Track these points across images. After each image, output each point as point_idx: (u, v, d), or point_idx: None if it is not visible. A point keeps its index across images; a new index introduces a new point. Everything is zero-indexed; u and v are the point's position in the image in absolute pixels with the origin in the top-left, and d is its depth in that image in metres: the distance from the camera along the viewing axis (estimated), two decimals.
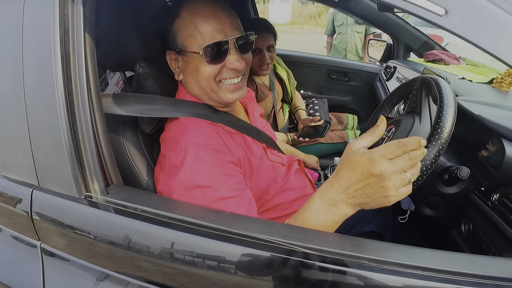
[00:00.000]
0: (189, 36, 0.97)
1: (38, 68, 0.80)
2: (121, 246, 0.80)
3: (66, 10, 0.78)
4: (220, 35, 0.96)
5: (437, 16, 0.54)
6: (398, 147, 0.67)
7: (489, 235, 1.02)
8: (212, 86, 1.01)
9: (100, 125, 0.84)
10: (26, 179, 0.88)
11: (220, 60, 0.97)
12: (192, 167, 0.90)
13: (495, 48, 0.59)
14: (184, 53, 1.00)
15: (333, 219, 0.77)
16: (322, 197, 0.77)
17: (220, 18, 0.96)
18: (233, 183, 0.93)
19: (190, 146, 0.92)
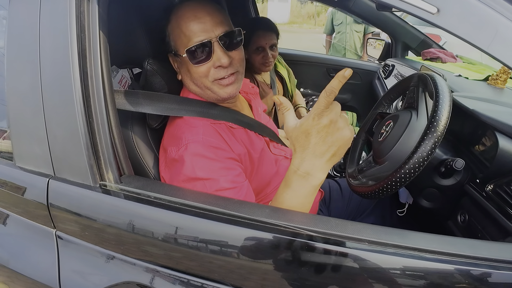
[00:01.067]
0: (177, 39, 1.03)
1: (55, 63, 0.84)
2: (134, 231, 0.84)
3: (82, 8, 0.82)
4: (201, 34, 0.99)
5: (430, 14, 0.58)
6: (327, 95, 0.73)
7: (484, 224, 1.05)
8: (206, 84, 1.06)
9: (113, 119, 0.88)
10: (42, 169, 0.92)
11: (206, 60, 1.01)
12: (193, 162, 0.95)
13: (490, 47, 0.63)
14: (177, 55, 1.05)
15: (310, 190, 0.83)
16: (296, 172, 0.82)
17: (200, 18, 1.00)
18: (232, 176, 0.98)
19: (190, 143, 0.98)
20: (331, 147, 0.78)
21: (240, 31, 1.06)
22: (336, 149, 0.79)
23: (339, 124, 0.77)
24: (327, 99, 0.73)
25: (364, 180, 1.17)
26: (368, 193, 1.05)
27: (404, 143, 1.09)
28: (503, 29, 0.62)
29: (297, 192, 0.84)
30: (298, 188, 0.83)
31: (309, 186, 0.83)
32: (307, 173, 0.81)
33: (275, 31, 2.01)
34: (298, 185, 0.83)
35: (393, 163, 1.09)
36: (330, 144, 0.78)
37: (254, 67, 2.01)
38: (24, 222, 0.98)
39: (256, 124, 1.23)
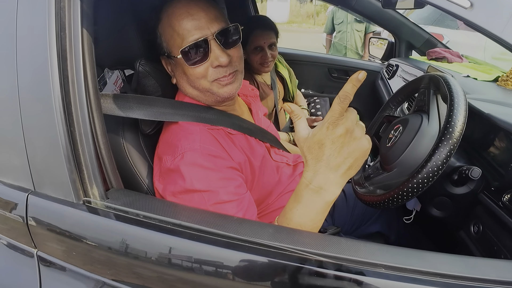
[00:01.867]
0: (170, 39, 0.96)
1: (33, 66, 0.76)
2: (122, 254, 0.76)
3: (62, 3, 0.74)
4: (196, 32, 0.92)
5: (462, 8, 0.51)
6: (340, 101, 0.66)
7: (500, 236, 0.98)
8: (204, 85, 0.98)
9: (99, 126, 0.80)
10: (21, 183, 0.84)
11: (203, 59, 0.94)
12: (190, 172, 0.88)
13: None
14: (171, 57, 0.98)
15: (322, 206, 0.75)
16: (308, 186, 0.74)
17: (193, 14, 0.92)
18: (233, 187, 0.91)
19: (187, 152, 0.90)
20: (347, 159, 0.70)
21: (238, 27, 0.99)
22: (352, 161, 0.71)
23: (356, 133, 0.70)
24: (341, 105, 0.66)
25: (372, 188, 1.11)
26: (376, 203, 0.99)
27: (415, 149, 1.03)
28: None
29: (308, 208, 0.76)
30: (310, 204, 0.75)
31: (321, 202, 0.75)
32: (320, 187, 0.73)
33: (274, 29, 1.94)
34: (309, 200, 0.75)
35: (403, 170, 1.03)
36: (346, 155, 0.70)
37: (253, 68, 1.95)
38: (4, 240, 0.91)
39: (256, 129, 1.16)
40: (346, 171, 0.72)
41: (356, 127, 0.70)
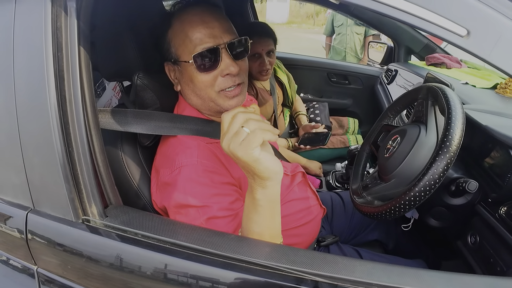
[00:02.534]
0: (181, 44, 0.95)
1: (30, 86, 0.76)
2: (121, 273, 0.77)
3: (59, 23, 0.74)
4: (210, 40, 0.92)
5: (458, 37, 0.51)
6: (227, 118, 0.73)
7: (496, 248, 0.99)
8: (210, 95, 0.98)
9: (97, 143, 0.80)
10: (20, 201, 0.85)
11: (213, 67, 0.94)
12: (186, 187, 0.88)
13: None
14: (179, 63, 0.97)
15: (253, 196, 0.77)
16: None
17: (208, 23, 0.93)
18: (228, 203, 0.91)
19: (184, 167, 0.91)
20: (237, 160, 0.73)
21: (247, 40, 1.00)
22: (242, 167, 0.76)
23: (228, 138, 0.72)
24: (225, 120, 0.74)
25: (370, 198, 1.12)
26: (374, 214, 1.01)
27: (413, 160, 1.04)
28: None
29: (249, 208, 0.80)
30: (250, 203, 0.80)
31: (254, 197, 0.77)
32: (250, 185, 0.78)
33: (272, 36, 1.94)
34: (249, 201, 0.80)
35: (400, 181, 1.04)
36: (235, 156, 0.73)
37: (252, 75, 1.94)
38: (3, 257, 0.91)
39: None
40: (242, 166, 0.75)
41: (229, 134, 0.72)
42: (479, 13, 0.53)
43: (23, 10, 0.76)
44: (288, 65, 2.41)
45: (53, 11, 0.74)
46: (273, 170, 0.74)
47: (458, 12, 0.52)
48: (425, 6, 0.52)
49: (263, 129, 0.70)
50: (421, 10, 0.52)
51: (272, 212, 0.81)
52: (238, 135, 0.70)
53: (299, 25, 17.91)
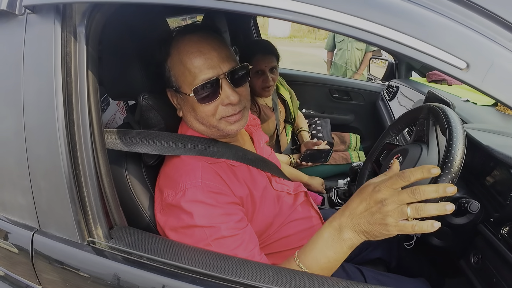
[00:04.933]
0: (180, 75, 0.96)
1: (39, 110, 0.78)
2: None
3: (68, 49, 0.76)
4: (208, 71, 0.92)
5: (458, 69, 0.52)
6: (399, 177, 0.71)
7: (499, 268, 0.99)
8: (212, 123, 0.99)
9: (103, 165, 0.82)
10: (26, 221, 0.86)
11: (213, 98, 0.95)
12: (192, 209, 0.89)
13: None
14: (179, 92, 0.99)
15: (340, 246, 0.80)
16: (331, 223, 0.82)
17: (205, 53, 0.93)
18: (233, 222, 0.92)
19: (189, 188, 0.91)
20: (366, 225, 0.75)
21: (247, 66, 1.00)
22: (369, 229, 0.75)
23: (388, 211, 0.72)
24: (399, 182, 0.72)
25: None
26: None
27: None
28: None
29: (327, 244, 0.81)
30: (329, 240, 0.81)
31: (338, 241, 0.80)
32: (340, 227, 0.80)
33: (275, 53, 1.97)
34: (329, 237, 0.81)
35: None
36: (369, 222, 0.75)
37: (255, 92, 1.96)
38: (8, 276, 0.91)
39: (258, 159, 1.17)
40: (361, 230, 0.77)
41: (393, 207, 0.71)
42: (476, 44, 0.55)
43: (33, 35, 0.78)
44: (290, 81, 2.43)
45: (62, 37, 0.76)
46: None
47: (457, 45, 0.53)
48: (423, 39, 0.53)
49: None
50: (419, 43, 0.53)
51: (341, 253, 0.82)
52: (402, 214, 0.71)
53: (301, 39, 18.05)
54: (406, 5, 0.55)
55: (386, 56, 3.44)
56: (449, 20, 0.55)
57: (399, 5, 0.55)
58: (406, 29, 0.54)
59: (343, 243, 0.80)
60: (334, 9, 0.56)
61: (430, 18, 0.55)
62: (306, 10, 0.56)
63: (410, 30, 0.54)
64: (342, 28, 0.57)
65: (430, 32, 0.54)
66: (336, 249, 0.81)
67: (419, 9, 0.55)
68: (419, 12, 0.55)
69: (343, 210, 0.81)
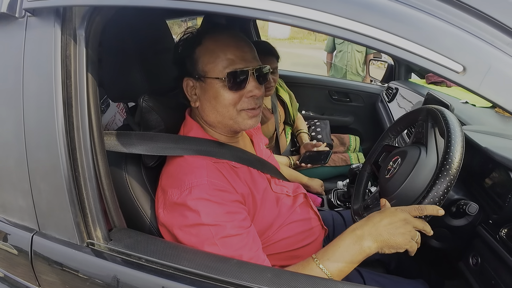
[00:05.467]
0: (211, 62, 0.99)
1: (38, 112, 0.78)
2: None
3: (68, 52, 0.76)
4: (241, 63, 0.98)
5: (454, 73, 0.53)
6: (417, 209, 0.91)
7: (498, 270, 0.99)
8: (231, 113, 1.01)
9: (102, 167, 0.82)
10: (26, 223, 0.86)
11: (240, 87, 0.99)
12: (198, 207, 0.89)
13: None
14: (204, 79, 1.00)
15: (359, 252, 0.89)
16: (354, 231, 0.92)
17: (242, 47, 1.00)
18: (239, 221, 0.93)
19: (195, 187, 0.91)
20: (388, 235, 0.89)
21: (269, 69, 1.08)
22: (389, 239, 0.88)
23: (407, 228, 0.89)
24: (415, 212, 0.91)
25: None
26: None
27: (413, 182, 1.05)
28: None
29: (347, 250, 0.90)
30: (350, 246, 0.90)
31: (357, 248, 0.89)
32: (362, 236, 0.90)
33: (275, 54, 1.97)
34: (350, 243, 0.90)
35: (401, 202, 1.04)
36: (391, 234, 0.89)
37: None
38: (7, 277, 0.92)
39: (258, 161, 1.17)
40: (380, 241, 0.89)
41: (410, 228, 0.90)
42: (473, 48, 0.55)
43: (33, 37, 0.79)
44: (289, 83, 2.44)
45: (62, 39, 0.76)
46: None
47: (454, 48, 0.53)
48: (420, 42, 0.54)
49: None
50: (415, 46, 0.53)
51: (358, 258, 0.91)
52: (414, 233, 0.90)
53: (300, 41, 18.05)
54: (403, 9, 0.55)
55: (385, 58, 3.44)
56: (446, 24, 0.55)
57: (395, 9, 0.55)
58: (403, 33, 0.55)
59: (362, 250, 0.89)
60: (332, 13, 0.56)
61: (427, 21, 0.55)
62: (304, 14, 0.57)
63: (407, 33, 0.55)
64: (339, 32, 0.57)
65: (427, 35, 0.55)
66: (355, 255, 0.89)
67: (416, 12, 0.55)
68: (415, 15, 0.55)
69: (366, 222, 0.92)
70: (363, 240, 0.89)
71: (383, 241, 0.89)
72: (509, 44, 0.55)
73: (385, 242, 0.88)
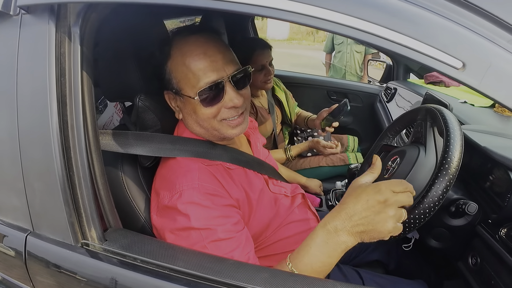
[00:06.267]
0: (183, 78, 0.94)
1: (32, 110, 0.77)
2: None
3: (62, 49, 0.75)
4: (213, 74, 0.91)
5: (454, 69, 0.52)
6: (401, 183, 0.76)
7: (497, 270, 0.99)
8: (213, 125, 0.98)
9: (97, 167, 0.81)
10: (20, 223, 0.85)
11: (217, 100, 0.94)
12: (188, 211, 0.88)
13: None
14: (180, 95, 0.97)
15: (335, 249, 0.79)
16: (325, 226, 0.80)
17: (211, 56, 0.92)
18: (230, 225, 0.91)
19: (185, 190, 0.90)
20: (366, 224, 0.76)
21: (249, 68, 1.00)
22: (368, 229, 0.76)
23: (390, 211, 0.75)
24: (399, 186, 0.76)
25: None
26: None
27: (412, 181, 1.03)
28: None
29: (320, 248, 0.80)
30: (322, 244, 0.80)
31: (333, 244, 0.79)
32: (336, 229, 0.79)
33: (270, 47, 1.98)
34: (323, 241, 0.80)
35: None
36: (368, 220, 0.76)
37: (256, 87, 1.95)
38: (1, 278, 0.90)
39: (255, 161, 1.16)
40: (358, 232, 0.77)
41: (394, 209, 0.75)
42: (473, 44, 0.54)
43: (27, 35, 0.78)
44: (287, 83, 2.42)
45: (57, 37, 0.75)
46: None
47: (453, 45, 0.53)
48: (419, 38, 0.53)
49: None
50: (414, 42, 0.53)
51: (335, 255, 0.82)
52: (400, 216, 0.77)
53: (299, 42, 18.08)
54: (403, 5, 0.55)
55: (384, 58, 3.44)
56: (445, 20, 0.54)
57: (395, 5, 0.55)
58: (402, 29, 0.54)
59: (338, 246, 0.79)
60: (331, 9, 0.55)
61: (426, 17, 0.55)
62: (303, 10, 0.56)
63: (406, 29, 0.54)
64: (339, 28, 0.56)
65: (426, 31, 0.54)
66: (330, 252, 0.80)
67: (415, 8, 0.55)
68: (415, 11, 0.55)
69: (338, 212, 0.80)
70: (336, 235, 0.79)
71: (361, 232, 0.77)
72: (509, 41, 0.54)
73: (363, 233, 0.77)
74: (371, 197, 0.76)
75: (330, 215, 0.81)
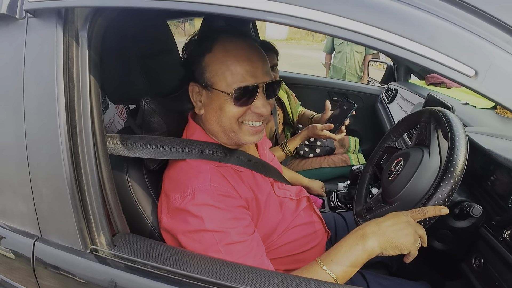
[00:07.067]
0: (220, 74, 0.94)
1: (41, 115, 0.77)
2: None
3: (70, 54, 0.75)
4: (251, 79, 0.93)
5: (466, 77, 0.52)
6: (418, 211, 0.91)
7: (501, 272, 0.99)
8: (233, 127, 0.98)
9: (105, 171, 0.81)
10: (27, 229, 0.84)
11: (247, 103, 0.95)
12: (202, 212, 0.87)
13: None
14: (210, 89, 0.96)
15: (362, 253, 0.88)
16: (356, 232, 0.92)
17: (253, 62, 0.94)
18: (242, 227, 0.91)
19: (198, 192, 0.89)
20: (392, 236, 0.88)
21: (280, 82, 1.05)
22: (391, 240, 0.88)
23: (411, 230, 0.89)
24: (417, 215, 0.91)
25: None
26: None
27: (416, 184, 1.04)
28: None
29: (350, 250, 0.89)
30: (352, 246, 0.89)
31: (361, 248, 0.88)
32: (364, 235, 0.89)
33: (275, 51, 1.97)
34: (353, 243, 0.89)
35: (404, 204, 1.04)
36: (395, 234, 0.88)
37: None
38: (8, 284, 0.90)
39: (262, 165, 1.16)
40: (384, 240, 0.88)
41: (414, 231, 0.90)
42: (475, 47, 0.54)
43: (34, 39, 0.77)
44: (289, 83, 2.43)
45: (64, 41, 0.75)
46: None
47: (466, 52, 0.53)
48: (431, 46, 0.53)
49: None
50: (415, 45, 0.53)
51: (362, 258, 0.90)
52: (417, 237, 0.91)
53: (298, 42, 18.08)
54: (403, 8, 0.55)
55: (384, 59, 3.44)
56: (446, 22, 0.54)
57: (395, 8, 0.55)
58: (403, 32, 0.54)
59: (365, 249, 0.87)
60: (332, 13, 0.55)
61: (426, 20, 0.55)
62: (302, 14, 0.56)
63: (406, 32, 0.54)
64: (339, 32, 0.56)
65: (427, 34, 0.54)
66: (358, 255, 0.88)
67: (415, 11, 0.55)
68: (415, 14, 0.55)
69: (369, 223, 0.92)
70: (366, 239, 0.88)
71: (387, 241, 0.88)
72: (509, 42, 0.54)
73: (388, 242, 0.88)
74: (398, 217, 0.91)
75: (361, 225, 0.93)
